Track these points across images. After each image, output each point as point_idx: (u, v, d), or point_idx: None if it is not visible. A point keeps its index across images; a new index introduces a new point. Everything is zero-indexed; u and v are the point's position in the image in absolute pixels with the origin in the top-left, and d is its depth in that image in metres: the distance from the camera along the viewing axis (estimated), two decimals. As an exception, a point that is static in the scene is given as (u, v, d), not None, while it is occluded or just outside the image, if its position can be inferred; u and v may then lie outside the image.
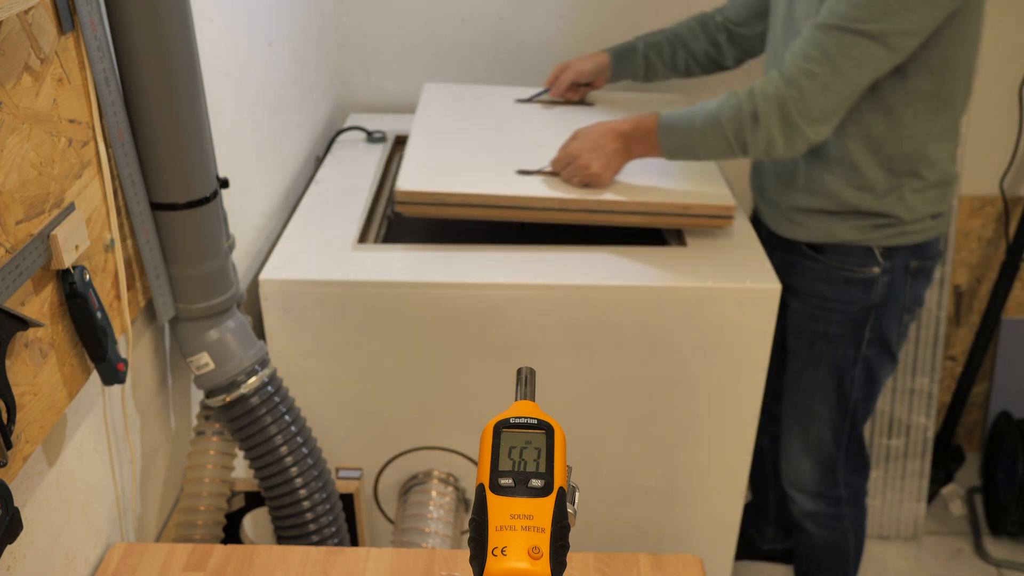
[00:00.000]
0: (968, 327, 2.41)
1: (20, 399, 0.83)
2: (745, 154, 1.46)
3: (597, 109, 1.88)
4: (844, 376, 1.66)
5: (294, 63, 1.81)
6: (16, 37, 0.81)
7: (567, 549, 0.64)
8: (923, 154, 1.50)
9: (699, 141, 1.46)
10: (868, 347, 1.63)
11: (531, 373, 0.74)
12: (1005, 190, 2.22)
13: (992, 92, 2.12)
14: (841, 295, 1.61)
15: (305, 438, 1.23)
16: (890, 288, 1.59)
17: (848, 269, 1.59)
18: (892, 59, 1.37)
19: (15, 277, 0.81)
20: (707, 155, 1.49)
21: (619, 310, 1.44)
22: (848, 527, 1.83)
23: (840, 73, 1.36)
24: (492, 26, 2.12)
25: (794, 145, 1.42)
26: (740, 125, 1.43)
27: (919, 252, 1.59)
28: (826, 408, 1.70)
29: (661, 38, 1.81)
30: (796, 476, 1.81)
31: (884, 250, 1.57)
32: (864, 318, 1.61)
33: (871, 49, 1.34)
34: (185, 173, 1.06)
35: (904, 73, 1.42)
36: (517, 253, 1.51)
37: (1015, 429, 2.32)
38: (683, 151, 1.49)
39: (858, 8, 1.33)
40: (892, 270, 1.58)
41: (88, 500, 1.03)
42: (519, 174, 1.56)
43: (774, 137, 1.41)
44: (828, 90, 1.37)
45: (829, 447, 1.74)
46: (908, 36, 1.34)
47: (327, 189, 1.75)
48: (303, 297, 1.44)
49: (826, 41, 1.36)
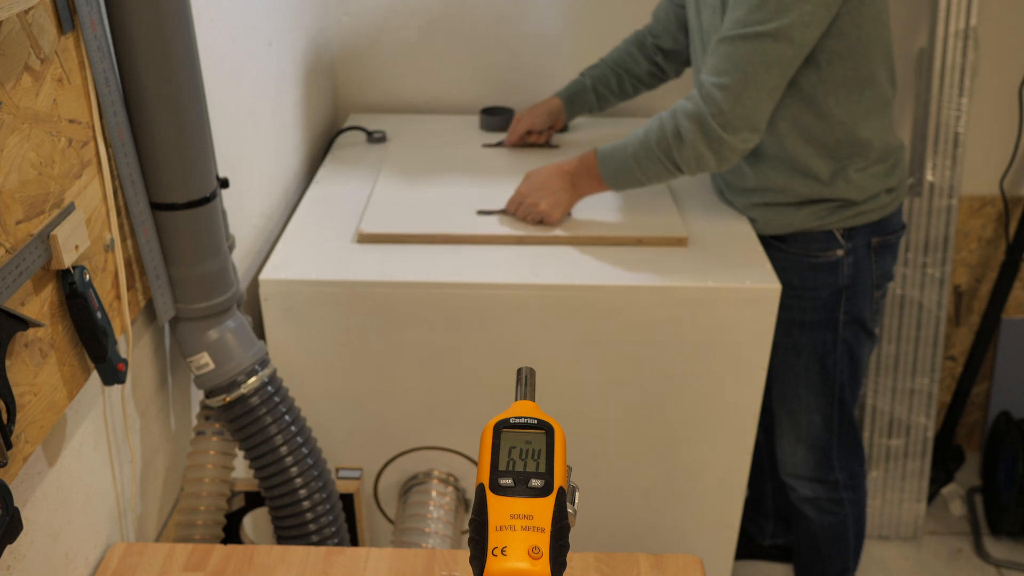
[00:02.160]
0: (968, 327, 2.41)
1: (20, 399, 0.83)
2: (681, 172, 1.49)
3: (559, 151, 1.92)
4: (826, 360, 1.68)
5: (294, 63, 1.81)
6: (16, 37, 0.81)
7: (567, 549, 0.64)
8: (856, 136, 1.52)
9: (636, 167, 1.50)
10: (845, 328, 1.66)
11: (531, 373, 0.74)
12: (1005, 190, 2.22)
13: (992, 92, 2.12)
14: (809, 281, 1.63)
15: (305, 438, 1.23)
16: (856, 268, 1.62)
17: (812, 255, 1.61)
18: (799, 53, 1.39)
19: (15, 277, 0.81)
20: (647, 179, 1.52)
21: (619, 310, 1.44)
22: (848, 511, 1.84)
23: (751, 79, 1.39)
24: (492, 26, 2.12)
25: (725, 157, 1.45)
26: (668, 146, 1.46)
27: (879, 228, 1.61)
28: (812, 394, 1.72)
29: (606, 70, 1.86)
30: (791, 464, 1.83)
31: (844, 231, 1.59)
32: (836, 301, 1.63)
33: (775, 49, 1.37)
34: (185, 173, 1.06)
35: (817, 63, 1.45)
36: (517, 253, 1.51)
37: (1015, 429, 2.31)
38: (624, 180, 1.53)
39: (754, 12, 1.36)
40: (855, 250, 1.60)
41: (88, 500, 1.03)
42: (479, 214, 1.61)
43: (702, 153, 1.44)
44: (743, 98, 1.40)
45: (820, 432, 1.76)
46: (808, 27, 1.36)
47: (327, 189, 1.75)
48: (303, 297, 1.44)
49: (732, 51, 1.39)
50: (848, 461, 1.80)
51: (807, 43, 1.39)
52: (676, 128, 1.45)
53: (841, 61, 1.45)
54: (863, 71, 1.48)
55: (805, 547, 1.95)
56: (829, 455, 1.78)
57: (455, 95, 2.20)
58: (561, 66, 2.15)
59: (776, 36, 1.36)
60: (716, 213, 1.67)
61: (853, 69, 1.47)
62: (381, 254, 1.50)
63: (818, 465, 1.79)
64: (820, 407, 1.73)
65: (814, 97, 1.49)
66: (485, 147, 1.95)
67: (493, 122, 2.04)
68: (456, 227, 1.56)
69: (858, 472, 1.83)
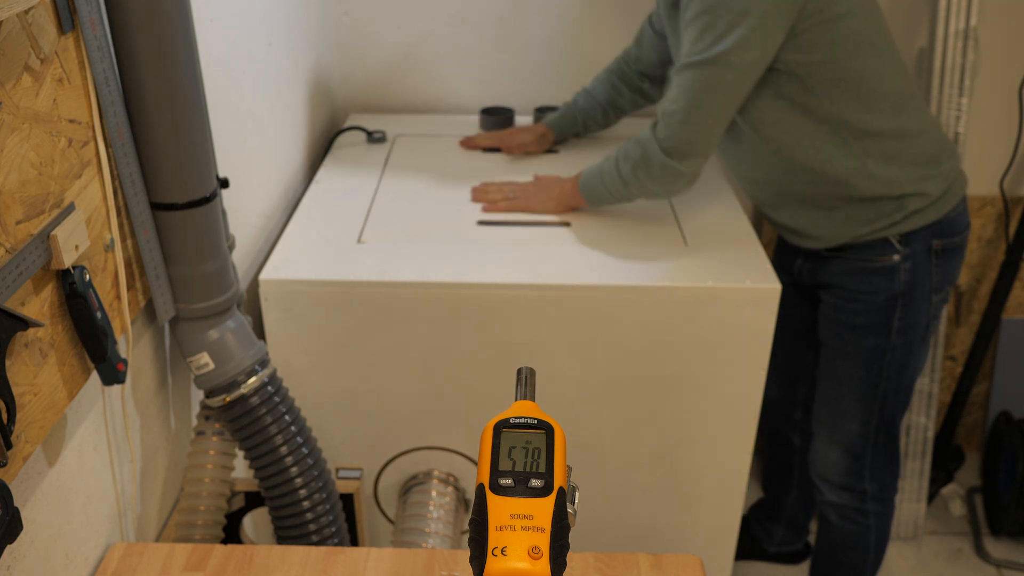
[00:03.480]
0: (968, 327, 2.41)
1: (20, 399, 0.83)
2: (642, 193, 1.56)
3: (558, 156, 1.93)
4: (872, 367, 1.66)
5: (294, 63, 1.81)
6: (16, 37, 0.81)
7: (567, 549, 0.64)
8: (865, 129, 1.52)
9: (606, 192, 1.59)
10: (898, 336, 1.63)
11: (531, 373, 0.74)
12: (1005, 190, 2.22)
13: (992, 92, 2.12)
14: (864, 286, 1.61)
15: (305, 438, 1.23)
16: (914, 274, 1.59)
17: (868, 260, 1.60)
18: (742, 76, 1.44)
19: (15, 277, 0.81)
20: (619, 199, 1.60)
21: (619, 310, 1.44)
22: (871, 524, 1.81)
23: (696, 104, 1.45)
24: (492, 26, 2.12)
25: (669, 182, 1.52)
26: (627, 171, 1.54)
27: (940, 231, 1.59)
28: (854, 399, 1.70)
29: (593, 105, 1.91)
30: (822, 465, 1.80)
31: (901, 237, 1.58)
32: (891, 307, 1.61)
33: (717, 75, 1.43)
34: (185, 173, 1.06)
35: (798, 76, 1.47)
36: (517, 253, 1.51)
37: (1015, 429, 2.31)
38: (601, 200, 1.62)
39: (697, 42, 1.43)
40: (913, 255, 1.58)
41: (88, 500, 1.03)
42: (479, 225, 1.63)
43: (653, 176, 1.52)
44: (688, 123, 1.46)
45: (856, 439, 1.73)
46: (746, 51, 1.41)
47: (327, 189, 1.75)
48: (303, 297, 1.44)
49: (680, 80, 1.47)
50: (880, 473, 1.77)
51: (749, 65, 1.43)
52: (628, 154, 1.54)
53: (821, 68, 1.46)
54: (850, 69, 1.48)
55: (823, 552, 1.92)
56: (862, 463, 1.75)
57: (455, 95, 2.20)
58: (560, 66, 2.15)
59: (715, 62, 1.42)
60: (716, 213, 1.67)
61: (838, 70, 1.47)
62: (381, 254, 1.50)
63: (849, 472, 1.77)
64: (860, 413, 1.70)
65: (807, 104, 1.50)
66: (486, 152, 1.96)
67: (493, 122, 2.04)
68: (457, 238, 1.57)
69: (889, 486, 1.79)
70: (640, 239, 1.57)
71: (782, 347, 1.71)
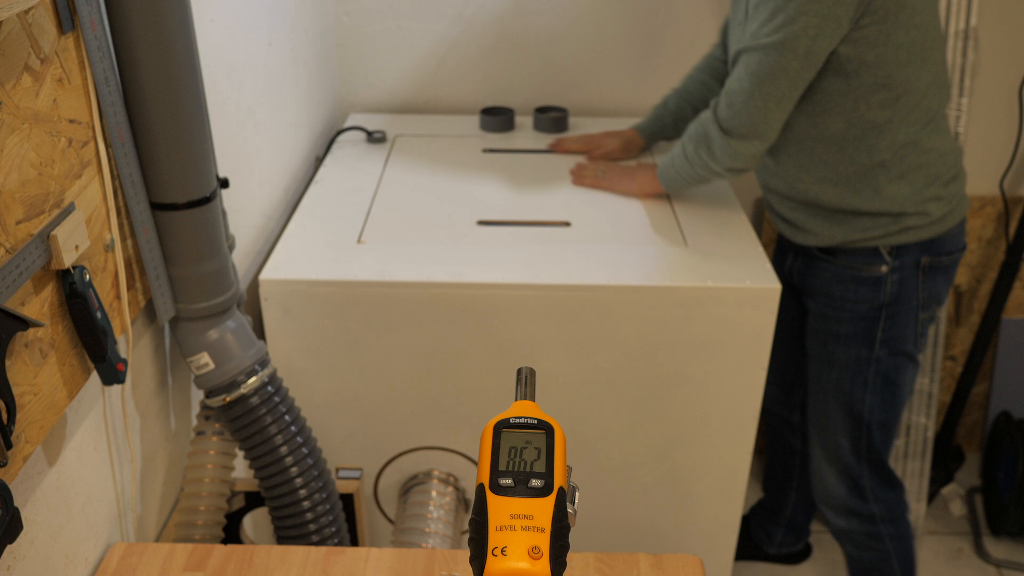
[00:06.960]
0: (968, 327, 2.41)
1: (20, 399, 0.83)
2: (707, 172, 1.57)
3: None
4: (856, 378, 1.65)
5: (294, 63, 1.81)
6: (16, 37, 0.81)
7: (567, 549, 0.64)
8: (890, 142, 1.51)
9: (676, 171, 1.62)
10: (882, 347, 1.63)
11: (531, 373, 0.74)
12: (1005, 190, 2.22)
13: (992, 92, 2.12)
14: (850, 294, 1.61)
15: (305, 438, 1.23)
16: (901, 287, 1.59)
17: (856, 268, 1.60)
18: (806, 64, 1.43)
19: (15, 277, 0.81)
20: (686, 180, 1.62)
21: (619, 310, 1.44)
22: (889, 548, 1.77)
23: (758, 87, 1.46)
24: (492, 26, 2.12)
25: (729, 162, 1.52)
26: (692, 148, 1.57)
27: (930, 248, 1.58)
28: (840, 412, 1.69)
29: (684, 104, 1.86)
30: (823, 490, 1.79)
31: (891, 249, 1.57)
32: (875, 318, 1.61)
33: (781, 60, 1.42)
34: (185, 173, 1.06)
35: (845, 72, 1.46)
36: (517, 253, 1.51)
37: (1015, 429, 2.31)
38: (673, 182, 1.65)
39: (764, 26, 1.43)
40: (901, 268, 1.58)
41: (88, 500, 1.03)
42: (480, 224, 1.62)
43: (715, 155, 1.53)
44: (748, 106, 1.47)
45: (848, 456, 1.72)
46: (815, 40, 1.40)
47: (327, 189, 1.75)
48: (303, 297, 1.44)
49: (744, 62, 1.47)
50: (882, 492, 1.74)
51: (814, 54, 1.41)
52: (692, 134, 1.57)
53: (870, 70, 1.45)
54: (896, 77, 1.46)
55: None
56: (861, 484, 1.73)
57: (455, 95, 2.20)
58: (561, 66, 2.15)
59: (781, 48, 1.41)
60: (716, 213, 1.67)
61: (885, 76, 1.46)
62: (381, 254, 1.50)
63: (850, 494, 1.75)
64: (848, 429, 1.70)
65: (843, 104, 1.49)
66: (486, 152, 1.95)
67: (493, 122, 2.04)
68: (456, 238, 1.56)
69: (896, 504, 1.76)
70: (640, 239, 1.57)
71: (776, 350, 1.70)
